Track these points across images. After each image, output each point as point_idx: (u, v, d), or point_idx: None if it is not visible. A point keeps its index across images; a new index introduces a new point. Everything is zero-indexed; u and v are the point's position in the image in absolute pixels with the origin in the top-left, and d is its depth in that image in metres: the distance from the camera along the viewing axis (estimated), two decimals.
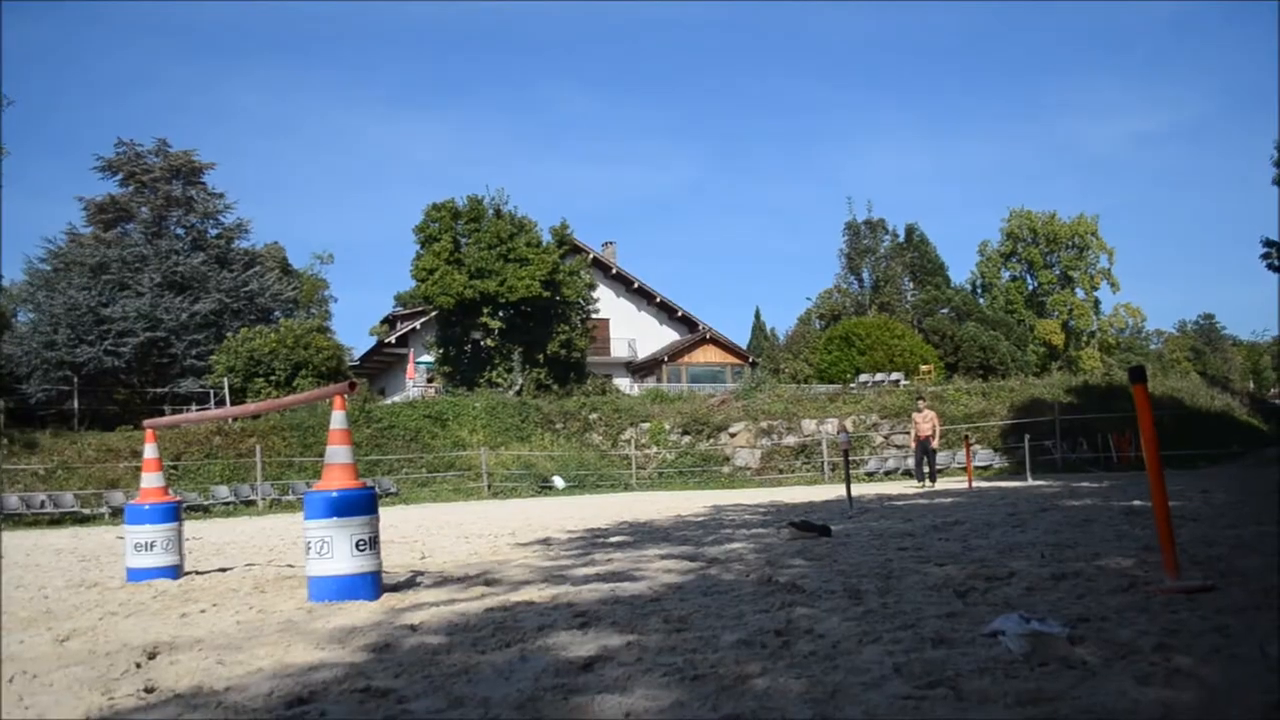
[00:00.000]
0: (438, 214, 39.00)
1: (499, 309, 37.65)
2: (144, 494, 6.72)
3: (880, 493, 17.20)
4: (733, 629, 3.44)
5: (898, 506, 11.91)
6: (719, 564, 5.75)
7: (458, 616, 4.08)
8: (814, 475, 28.64)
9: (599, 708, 2.45)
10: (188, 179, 43.07)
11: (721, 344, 52.17)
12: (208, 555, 9.06)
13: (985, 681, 2.52)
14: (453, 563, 6.91)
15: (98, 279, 38.62)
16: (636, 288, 52.41)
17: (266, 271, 44.57)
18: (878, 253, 60.01)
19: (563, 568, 6.03)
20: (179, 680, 3.04)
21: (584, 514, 14.35)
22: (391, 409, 31.87)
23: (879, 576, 4.79)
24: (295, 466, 26.93)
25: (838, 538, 7.28)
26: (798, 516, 9.51)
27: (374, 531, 4.91)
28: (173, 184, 42.66)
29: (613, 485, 28.77)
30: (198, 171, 43.27)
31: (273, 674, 3.06)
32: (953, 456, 27.85)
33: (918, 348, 45.63)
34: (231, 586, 5.91)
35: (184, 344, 38.34)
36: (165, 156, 42.48)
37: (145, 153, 42.37)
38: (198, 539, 11.56)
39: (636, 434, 31.86)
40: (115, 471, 24.73)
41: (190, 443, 26.39)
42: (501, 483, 28.00)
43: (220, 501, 24.15)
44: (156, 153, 42.44)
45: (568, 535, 9.46)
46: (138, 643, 3.82)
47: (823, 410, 31.79)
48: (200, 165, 43.26)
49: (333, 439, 4.99)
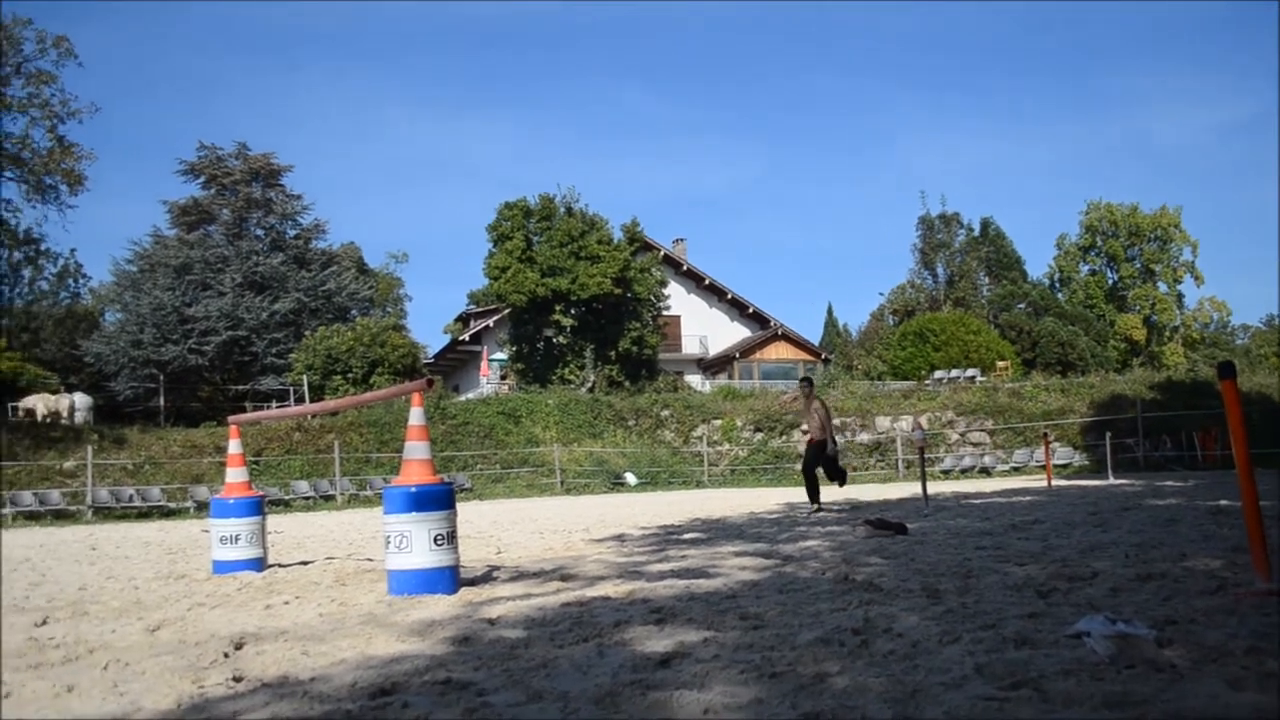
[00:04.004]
0: (510, 213, 39.33)
1: (571, 306, 37.85)
2: (229, 489, 6.87)
3: (957, 491, 16.96)
4: (810, 627, 3.43)
5: (975, 505, 11.73)
6: (794, 561, 5.73)
7: (535, 611, 4.12)
8: (888, 473, 28.33)
9: (677, 704, 2.45)
10: (267, 181, 44.00)
11: (793, 340, 51.81)
12: (289, 549, 9.25)
13: (1070, 683, 2.48)
14: (528, 558, 6.97)
15: (182, 279, 39.65)
16: (707, 284, 52.27)
17: (343, 271, 45.36)
18: (952, 247, 59.15)
19: (637, 564, 6.05)
20: (266, 670, 3.11)
21: (656, 510, 14.37)
22: (466, 406, 32.24)
23: (958, 575, 4.72)
24: (372, 462, 27.37)
25: (914, 536, 7.20)
26: (873, 514, 9.43)
27: (452, 526, 4.97)
28: (252, 186, 43.62)
29: (684, 482, 28.76)
30: (276, 174, 44.18)
31: (356, 665, 3.12)
32: (1031, 454, 27.36)
33: (994, 343, 44.91)
34: (313, 579, 6.03)
35: (264, 342, 39.21)
36: (245, 159, 43.44)
37: (226, 156, 43.39)
38: (279, 533, 11.80)
39: (708, 431, 31.81)
40: (200, 466, 25.37)
41: (271, 439, 26.96)
42: (574, 479, 28.16)
43: (300, 496, 24.65)
44: (236, 156, 43.42)
45: (641, 531, 9.48)
46: (225, 633, 3.91)
47: (897, 407, 31.43)
48: (279, 167, 44.17)
49: (411, 435, 5.06)
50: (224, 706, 2.64)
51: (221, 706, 2.65)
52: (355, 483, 26.10)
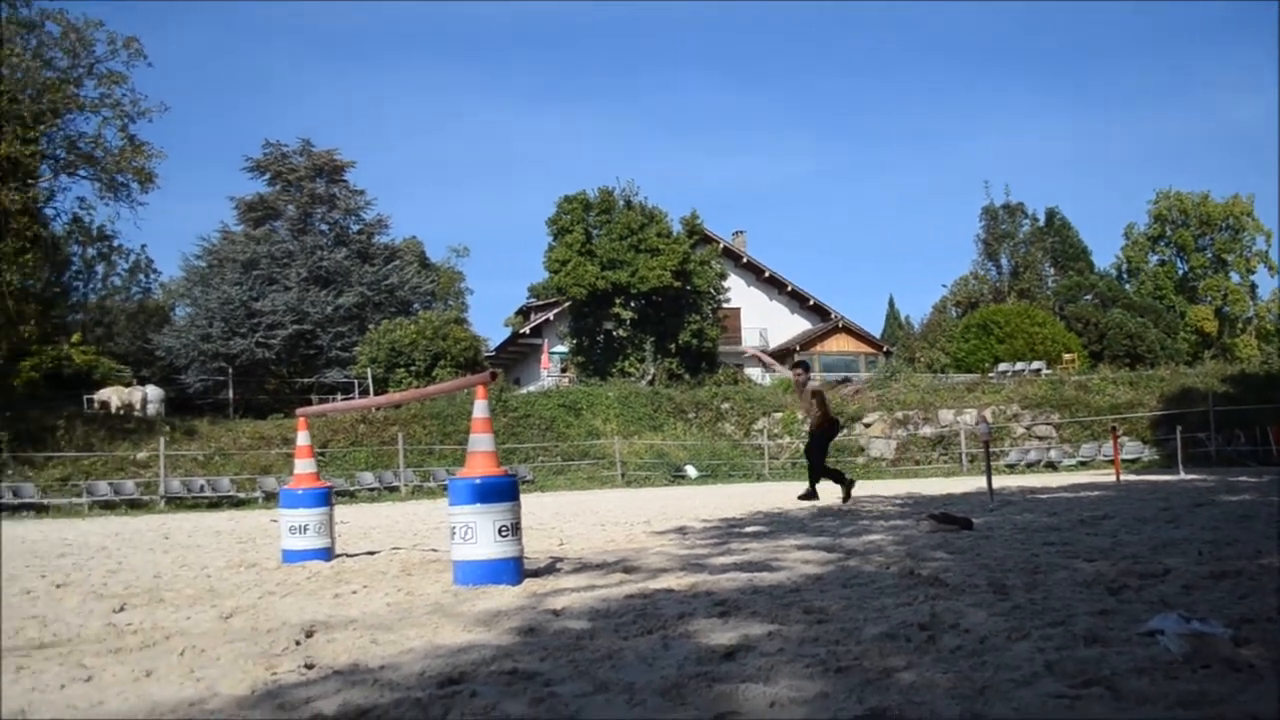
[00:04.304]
0: (569, 206, 39.49)
1: (631, 299, 37.93)
2: (297, 479, 6.99)
3: (1022, 485, 16.72)
4: (875, 621, 3.40)
5: (1041, 500, 11.55)
6: (858, 555, 5.69)
7: (599, 602, 4.14)
8: (951, 466, 28.02)
9: (743, 697, 2.45)
10: (330, 177, 44.65)
11: (854, 333, 51.42)
12: (355, 539, 9.39)
13: (1144, 682, 2.44)
14: (590, 550, 7.01)
15: (248, 274, 40.39)
16: (767, 276, 52.05)
17: (406, 265, 45.89)
18: (1017, 238, 58.26)
19: (700, 556, 6.05)
20: (336, 657, 3.17)
21: (717, 503, 14.36)
22: (527, 398, 32.49)
23: (1025, 571, 4.66)
24: (435, 454, 27.68)
25: (979, 531, 7.11)
26: (937, 508, 9.33)
27: (516, 518, 5.01)
28: (316, 182, 44.28)
29: (745, 475, 28.71)
30: (340, 170, 44.81)
31: (424, 654, 3.16)
32: (1098, 449, 26.88)
33: (1059, 335, 44.18)
34: (380, 569, 6.11)
35: (329, 336, 39.82)
36: (309, 156, 44.11)
37: (290, 153, 44.10)
38: (345, 523, 11.99)
39: (769, 424, 31.71)
40: (268, 458, 25.85)
41: (337, 430, 27.39)
42: (634, 471, 28.24)
43: (365, 487, 25.02)
44: (301, 152, 44.10)
45: (703, 524, 9.48)
46: (296, 621, 3.99)
47: (960, 400, 31.08)
48: (342, 163, 44.78)
49: (476, 427, 5.10)
50: (296, 693, 2.69)
51: (294, 693, 2.70)
52: (419, 474, 26.42)
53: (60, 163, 26.73)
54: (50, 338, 30.83)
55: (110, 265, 28.25)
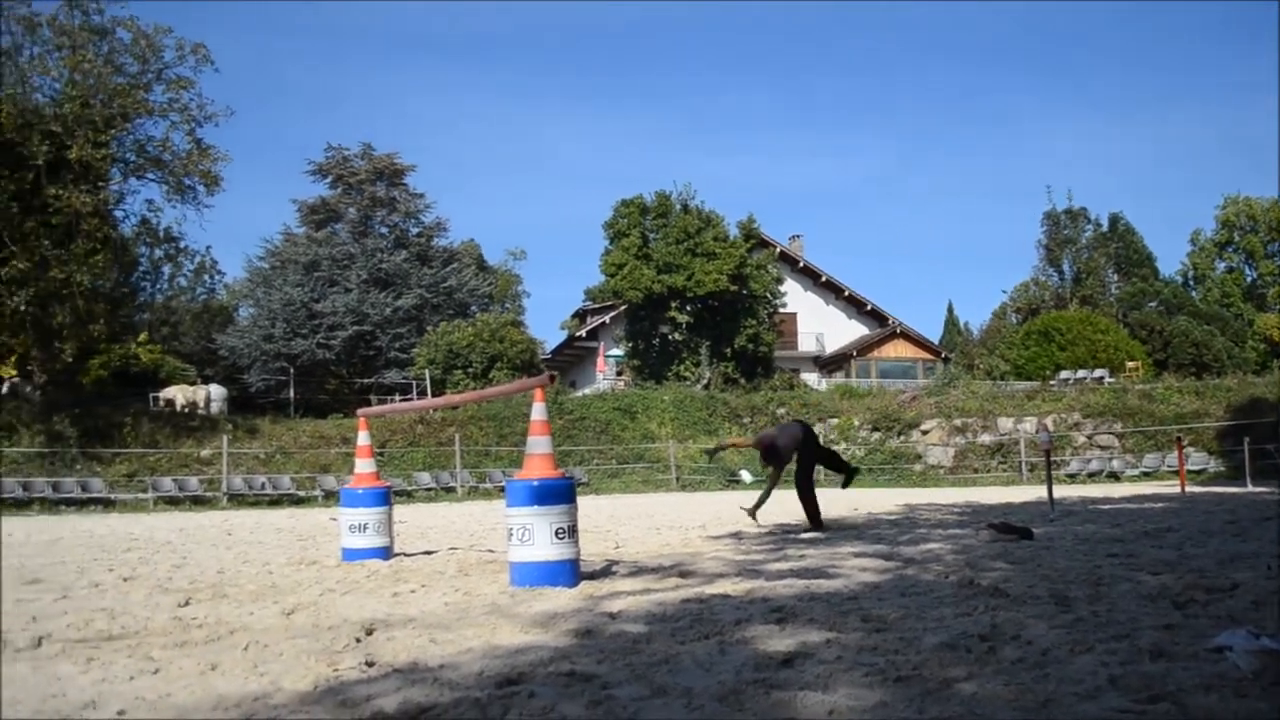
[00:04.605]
0: (626, 210, 39.55)
1: (687, 303, 37.89)
2: (358, 479, 7.09)
3: (1083, 495, 16.46)
4: (934, 631, 3.37)
5: (1103, 510, 11.36)
6: (916, 564, 5.64)
7: (655, 606, 4.14)
8: (1010, 475, 27.62)
9: (801, 704, 2.44)
10: (391, 180, 45.18)
11: (912, 338, 50.90)
12: (413, 538, 9.50)
13: (1211, 699, 2.39)
14: (646, 553, 7.02)
15: (310, 276, 40.99)
16: (824, 281, 51.71)
17: (464, 268, 46.28)
18: (1079, 243, 57.30)
19: (756, 562, 6.04)
20: (396, 656, 3.21)
21: (772, 509, 14.28)
22: (582, 401, 32.59)
23: (1087, 583, 4.59)
24: (492, 455, 27.87)
25: (1040, 541, 7.01)
26: (996, 518, 9.21)
27: (572, 520, 5.03)
28: (377, 185, 44.83)
29: None
30: (400, 173, 45.32)
31: (482, 654, 3.19)
32: (1162, 459, 26.36)
33: (1123, 343, 43.35)
34: (437, 569, 6.18)
35: (388, 337, 40.28)
36: (370, 159, 44.67)
37: (352, 156, 44.68)
38: (402, 522, 12.10)
39: (825, 429, 31.49)
40: (327, 457, 26.20)
41: (395, 431, 27.68)
42: (689, 475, 28.21)
43: (422, 487, 25.27)
44: (362, 156, 44.68)
45: (758, 530, 9.46)
46: (356, 619, 4.05)
47: (1020, 408, 30.64)
48: (402, 167, 45.30)
49: (533, 430, 5.14)
50: (358, 690, 2.73)
51: (356, 689, 2.74)
52: (475, 475, 26.63)
53: (130, 166, 27.32)
54: (118, 337, 31.52)
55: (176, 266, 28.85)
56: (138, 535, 11.70)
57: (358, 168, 44.54)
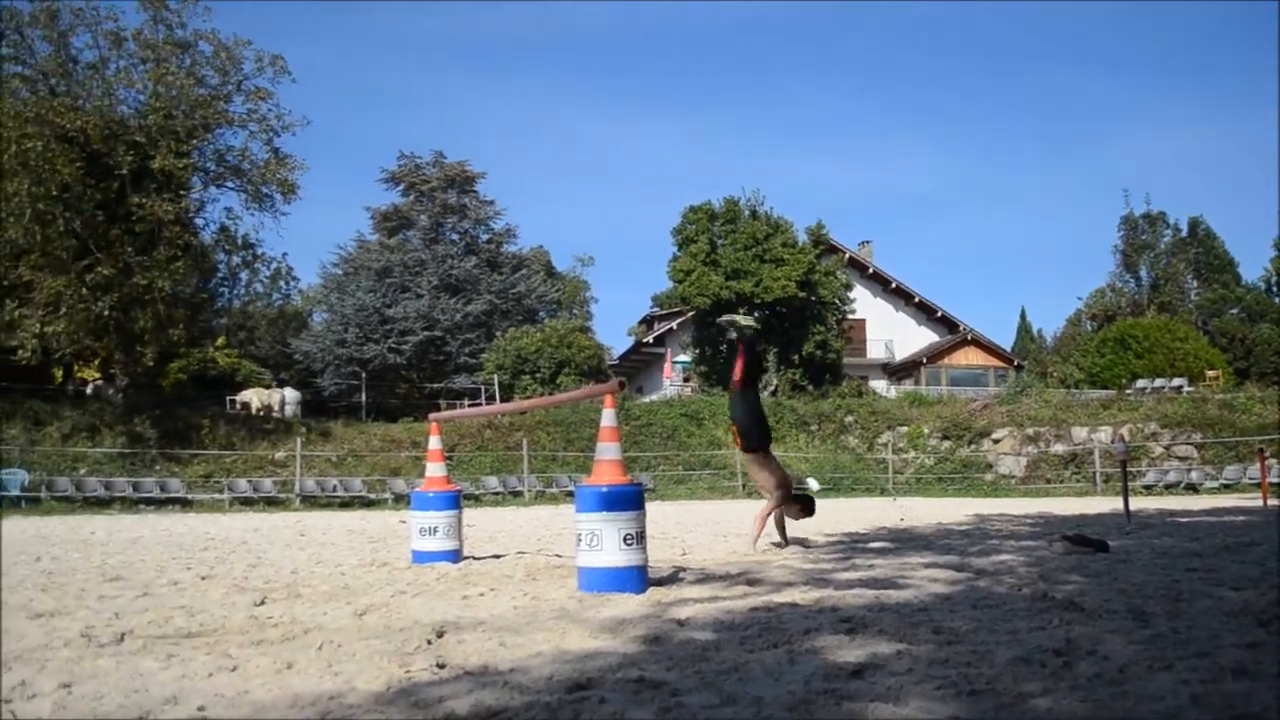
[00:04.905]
0: (695, 216, 39.58)
1: (754, 309, 37.80)
2: (429, 482, 7.17)
3: (1160, 507, 16.06)
4: (1008, 645, 3.32)
5: (1181, 523, 11.07)
6: (988, 576, 5.55)
7: (723, 614, 4.13)
8: (1084, 486, 27.07)
9: (873, 716, 2.42)
10: (462, 188, 45.79)
11: (983, 345, 50.17)
12: (481, 542, 9.58)
13: None
14: (713, 560, 7.00)
15: (382, 282, 41.67)
16: (894, 287, 51.22)
17: (532, 274, 46.69)
18: (1157, 249, 56.07)
19: (824, 571, 5.99)
20: (467, 658, 3.24)
21: (840, 517, 14.18)
22: (649, 407, 32.65)
23: (1166, 598, 4.47)
24: (559, 460, 28.03)
25: (1116, 554, 6.85)
26: (1070, 529, 9.03)
27: (641, 527, 5.04)
28: (448, 193, 45.46)
29: (868, 489, 28.28)
30: (470, 180, 45.91)
31: (552, 658, 3.21)
32: (1244, 471, 25.64)
33: (1202, 351, 42.29)
34: (506, 573, 6.22)
35: (458, 342, 40.79)
36: (441, 167, 45.32)
37: (424, 164, 45.37)
38: (471, 526, 12.21)
39: (894, 438, 31.18)
40: (397, 460, 26.57)
41: (464, 435, 27.98)
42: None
43: (490, 491, 25.51)
44: (434, 164, 45.34)
45: (826, 538, 9.38)
46: (427, 620, 4.09)
47: (1095, 417, 30.02)
48: (473, 174, 45.89)
49: (603, 436, 5.15)
50: (430, 691, 2.77)
51: (428, 691, 2.77)
52: (542, 479, 26.80)
53: (210, 175, 28.02)
54: (197, 341, 32.31)
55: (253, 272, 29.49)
56: (214, 535, 11.97)
57: (429, 175, 45.21)
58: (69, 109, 24.38)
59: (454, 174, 45.45)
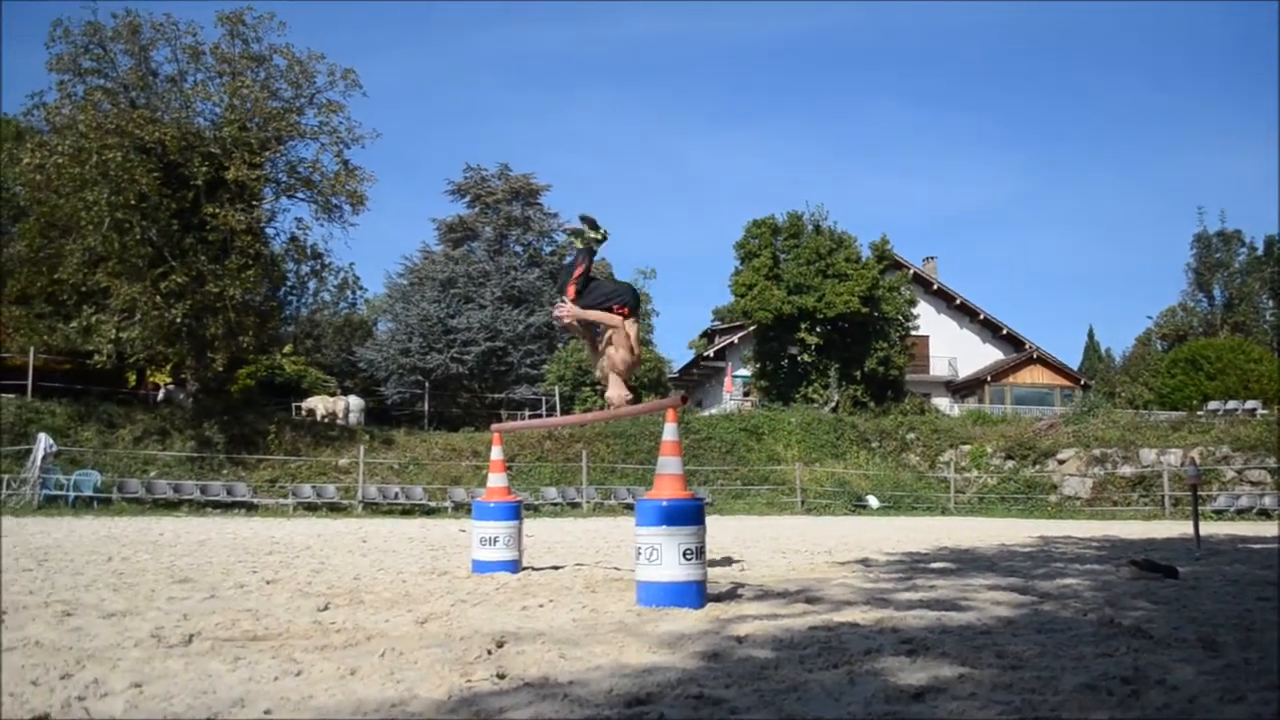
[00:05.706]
0: (758, 230, 39.50)
1: (816, 325, 37.57)
2: (490, 492, 7.23)
3: (1232, 533, 15.66)
4: (1073, 671, 3.26)
5: (1254, 550, 10.79)
6: (1052, 600, 5.46)
7: (782, 632, 4.11)
8: (1153, 510, 26.47)
9: None
10: (526, 200, 46.18)
11: (1050, 364, 49.36)
12: (540, 553, 9.63)
13: None
14: (772, 577, 6.97)
15: (446, 293, 42.13)
16: (958, 304, 50.62)
17: None
18: (1231, 267, 54.80)
19: (884, 591, 5.93)
20: (527, 669, 3.26)
21: (900, 536, 14.03)
22: (709, 421, 32.58)
23: (1238, 627, 4.36)
24: (617, 473, 28.06)
25: (1185, 580, 6.70)
26: (1138, 554, 8.84)
27: (701, 541, 5.03)
28: (513, 205, 45.88)
29: (929, 508, 27.92)
30: (535, 193, 46.29)
31: (611, 672, 3.22)
32: None
33: (1278, 373, 41.14)
34: (564, 584, 6.25)
35: (519, 353, 41.06)
36: (506, 180, 45.75)
37: (489, 176, 45.84)
38: (530, 536, 12.28)
39: (956, 456, 30.76)
40: (458, 469, 26.79)
41: (524, 446, 28.14)
42: (815, 499, 27.88)
43: (548, 502, 25.60)
44: (499, 176, 45.79)
45: (886, 557, 9.28)
46: (487, 630, 4.13)
47: (1164, 439, 29.35)
48: (537, 187, 46.26)
49: (665, 450, 5.16)
50: (490, 701, 2.79)
51: (489, 701, 2.79)
52: (601, 491, 26.84)
53: (281, 186, 28.55)
54: (265, 348, 32.88)
55: (321, 281, 29.98)
56: (278, 539, 12.17)
57: (495, 187, 45.67)
58: (148, 121, 25.03)
59: (519, 186, 45.88)
